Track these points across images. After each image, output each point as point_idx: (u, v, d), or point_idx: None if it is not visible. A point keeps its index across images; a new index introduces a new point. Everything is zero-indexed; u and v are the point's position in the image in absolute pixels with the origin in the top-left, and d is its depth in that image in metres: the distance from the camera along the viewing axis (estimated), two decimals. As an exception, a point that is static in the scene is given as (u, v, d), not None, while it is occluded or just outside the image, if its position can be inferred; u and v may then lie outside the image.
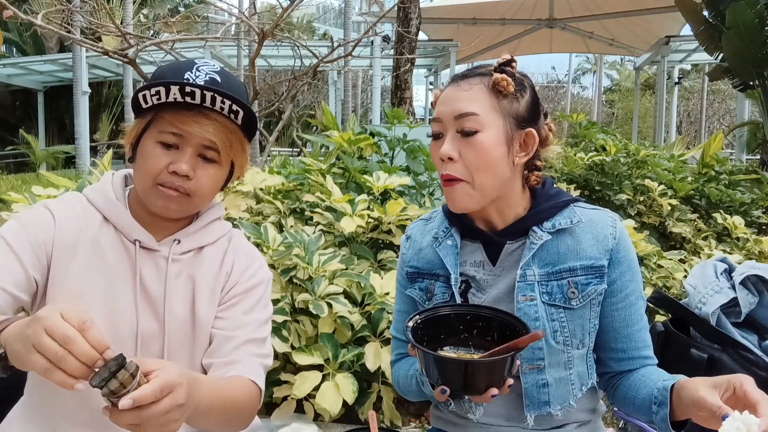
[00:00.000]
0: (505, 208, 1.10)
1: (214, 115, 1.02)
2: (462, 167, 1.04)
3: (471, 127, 1.02)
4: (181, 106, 1.00)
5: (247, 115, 1.04)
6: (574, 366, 1.10)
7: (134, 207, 1.09)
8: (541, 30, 15.35)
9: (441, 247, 1.14)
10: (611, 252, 1.07)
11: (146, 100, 1.01)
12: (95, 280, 1.03)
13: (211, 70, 1.05)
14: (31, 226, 1.01)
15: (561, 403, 1.09)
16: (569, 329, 1.07)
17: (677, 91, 16.32)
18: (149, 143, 1.03)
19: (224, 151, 1.05)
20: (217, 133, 1.02)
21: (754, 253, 3.71)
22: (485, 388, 0.90)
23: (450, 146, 1.04)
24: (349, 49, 4.28)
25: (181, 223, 1.12)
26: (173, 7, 18.48)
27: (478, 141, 1.02)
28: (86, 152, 10.02)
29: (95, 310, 1.01)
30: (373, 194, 3.14)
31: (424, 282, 1.16)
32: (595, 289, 1.07)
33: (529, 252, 1.07)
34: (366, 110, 21.73)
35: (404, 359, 1.20)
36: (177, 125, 1.01)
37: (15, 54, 18.19)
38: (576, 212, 1.11)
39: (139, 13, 12.68)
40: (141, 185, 1.05)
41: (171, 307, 1.07)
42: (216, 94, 0.99)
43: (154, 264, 1.07)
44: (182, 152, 1.02)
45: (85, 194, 1.09)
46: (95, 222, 1.06)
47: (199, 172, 1.04)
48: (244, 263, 1.14)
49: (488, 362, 0.92)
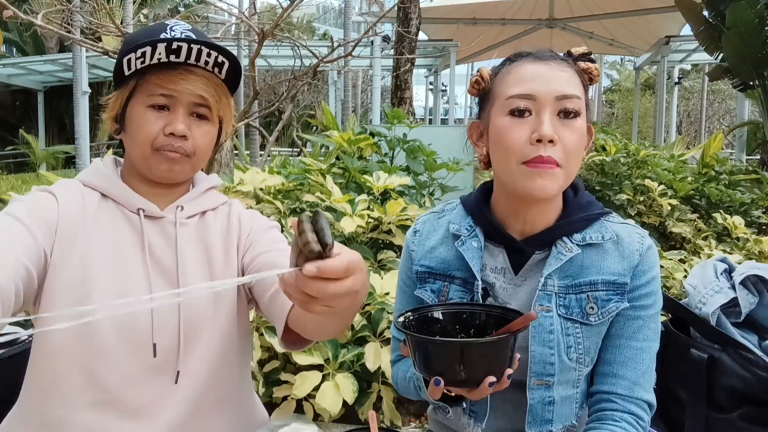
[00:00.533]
0: (546, 208, 1.04)
1: (198, 70, 1.01)
2: (560, 151, 0.96)
3: (574, 109, 0.96)
4: (165, 66, 0.99)
5: (232, 65, 1.03)
6: (581, 384, 1.04)
7: (129, 182, 1.07)
8: (541, 30, 15.33)
9: (465, 248, 1.05)
10: (635, 268, 1.02)
11: (130, 65, 1.00)
12: (102, 258, 1.00)
13: (185, 28, 1.04)
14: (37, 205, 0.98)
15: (563, 422, 1.03)
16: (584, 346, 1.01)
17: (677, 91, 16.31)
18: (138, 110, 1.01)
19: (214, 106, 1.03)
20: (206, 87, 1.01)
21: (754, 253, 3.71)
22: (482, 376, 0.85)
23: (551, 127, 0.95)
24: (349, 49, 4.28)
25: (178, 193, 1.10)
26: (173, 7, 18.47)
27: (578, 125, 0.97)
28: (86, 152, 10.01)
29: (105, 288, 0.98)
30: (373, 194, 3.14)
31: (437, 283, 1.09)
32: (617, 306, 1.01)
33: (556, 262, 1.01)
34: (366, 110, 21.71)
35: (404, 360, 1.16)
36: (165, 85, 0.99)
37: (15, 54, 18.19)
38: (607, 227, 1.05)
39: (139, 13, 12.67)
40: (138, 154, 1.03)
41: (186, 275, 1.03)
42: (203, 45, 0.98)
43: (162, 231, 1.05)
44: (175, 113, 1.01)
45: (79, 178, 1.07)
46: (94, 200, 1.04)
47: (195, 130, 1.02)
48: (250, 217, 1.13)
49: (483, 343, 0.87)
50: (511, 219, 1.05)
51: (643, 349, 1.02)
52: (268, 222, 1.14)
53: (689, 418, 1.46)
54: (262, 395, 2.24)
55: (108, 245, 1.01)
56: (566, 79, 0.98)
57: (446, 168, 3.91)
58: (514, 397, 1.03)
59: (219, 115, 1.06)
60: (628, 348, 1.02)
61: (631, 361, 1.02)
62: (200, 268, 1.06)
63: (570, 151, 0.96)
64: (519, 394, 1.02)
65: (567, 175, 0.98)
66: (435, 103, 17.53)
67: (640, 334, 1.02)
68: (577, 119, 0.97)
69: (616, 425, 0.98)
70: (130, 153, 1.05)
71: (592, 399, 1.05)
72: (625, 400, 1.01)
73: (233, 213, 1.13)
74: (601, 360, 1.04)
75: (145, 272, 1.02)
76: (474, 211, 1.09)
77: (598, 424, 1.00)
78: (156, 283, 1.02)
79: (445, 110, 19.82)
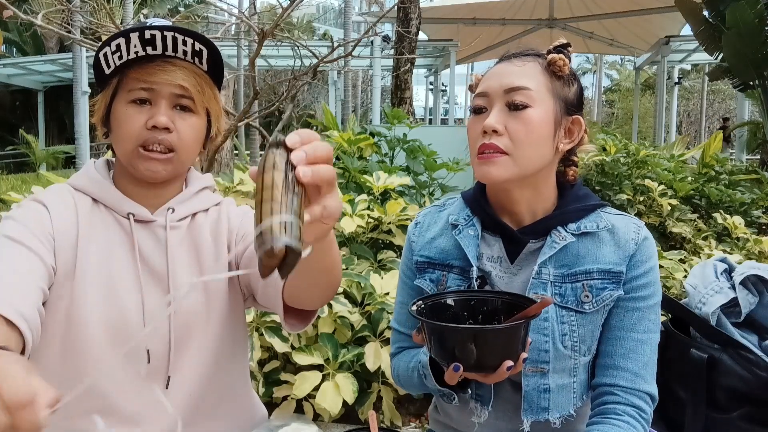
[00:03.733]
0: (537, 199, 1.06)
1: (177, 61, 1.00)
2: (507, 140, 1.00)
3: (521, 101, 1.00)
4: (144, 60, 0.99)
5: (212, 53, 1.01)
6: (578, 374, 1.05)
7: (120, 185, 1.06)
8: (541, 30, 15.33)
9: (462, 236, 1.09)
10: (630, 257, 1.03)
11: (108, 62, 0.99)
12: (94, 263, 1.00)
13: (163, 22, 1.03)
14: (31, 220, 0.97)
15: (560, 412, 1.04)
16: (579, 334, 1.03)
17: (677, 91, 16.32)
18: (121, 107, 1.01)
19: (197, 96, 1.02)
20: (186, 77, 1.00)
21: (754, 253, 3.70)
22: (500, 361, 0.87)
23: (496, 119, 1.00)
24: (349, 49, 4.28)
25: (170, 193, 1.09)
26: (173, 7, 18.47)
27: (527, 115, 0.99)
28: (86, 152, 10.00)
29: (96, 293, 0.98)
30: (373, 194, 3.14)
31: (436, 273, 1.12)
32: (611, 294, 1.02)
33: (549, 250, 1.03)
34: (366, 110, 21.72)
35: (405, 352, 1.17)
36: (144, 78, 0.99)
37: (15, 54, 18.19)
38: (603, 217, 1.07)
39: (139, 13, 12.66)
40: (123, 152, 1.02)
41: (177, 279, 1.03)
42: (177, 33, 0.97)
43: (152, 235, 1.04)
44: (156, 106, 1.00)
45: (70, 183, 1.07)
46: (85, 206, 1.03)
47: (179, 123, 1.01)
48: (239, 213, 1.12)
49: (501, 329, 0.90)
50: (504, 209, 1.09)
51: (644, 341, 1.03)
52: None
53: (689, 418, 1.46)
54: (262, 395, 2.24)
55: (100, 250, 1.01)
56: (520, 72, 1.02)
57: (446, 168, 3.91)
58: (512, 384, 1.05)
59: (205, 106, 1.05)
60: (629, 340, 1.03)
61: (633, 353, 1.03)
62: (191, 270, 1.05)
63: (517, 139, 1.00)
64: (516, 381, 1.03)
65: (518, 162, 1.01)
66: (435, 103, 17.54)
67: (640, 326, 1.03)
68: (526, 110, 1.00)
69: (619, 418, 0.99)
70: (117, 152, 1.04)
71: (595, 392, 1.06)
72: (628, 393, 1.01)
73: (222, 212, 1.12)
74: (602, 352, 1.05)
75: (136, 276, 1.01)
76: (471, 202, 1.12)
77: (600, 418, 1.01)
78: (147, 287, 1.01)
79: (445, 110, 19.83)
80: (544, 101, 1.01)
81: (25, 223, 0.96)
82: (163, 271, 1.03)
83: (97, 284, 0.99)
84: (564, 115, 1.03)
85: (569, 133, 1.05)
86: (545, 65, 1.03)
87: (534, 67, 1.03)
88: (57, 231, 0.98)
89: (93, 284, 0.99)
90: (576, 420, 1.06)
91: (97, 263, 1.00)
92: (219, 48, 1.04)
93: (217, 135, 1.12)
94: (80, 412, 0.98)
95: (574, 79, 1.07)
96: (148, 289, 1.01)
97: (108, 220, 1.03)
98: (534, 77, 1.02)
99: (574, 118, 1.05)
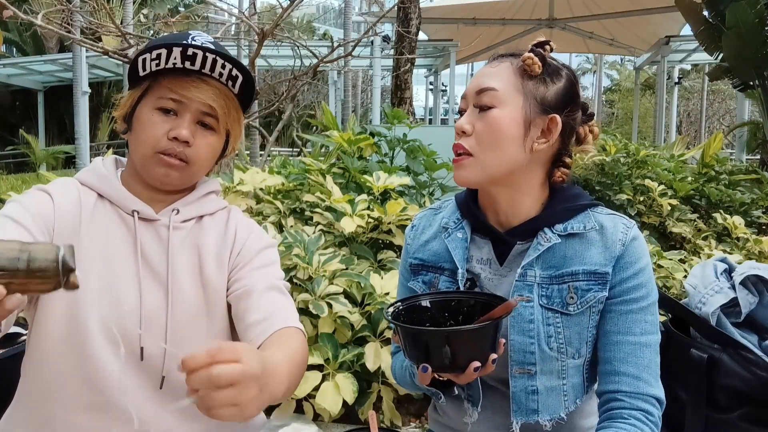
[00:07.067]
0: (517, 198, 1.05)
1: (212, 81, 1.02)
2: (473, 141, 1.02)
3: (487, 102, 1.01)
4: (179, 72, 1.00)
5: (246, 81, 1.03)
6: (569, 376, 1.04)
7: (128, 184, 1.07)
8: (541, 30, 15.29)
9: (450, 239, 1.10)
10: (617, 258, 1.01)
11: (144, 66, 1.00)
12: (94, 258, 1.00)
13: (206, 40, 1.04)
14: (33, 205, 0.98)
15: (551, 414, 1.03)
16: (564, 336, 1.02)
17: (677, 91, 16.31)
18: (146, 111, 1.02)
19: (222, 118, 1.04)
20: (216, 98, 1.02)
21: (754, 253, 3.70)
22: (467, 361, 0.88)
23: (466, 119, 1.03)
24: (349, 49, 4.28)
25: (177, 196, 1.10)
26: (173, 7, 18.47)
27: (491, 116, 1.00)
28: (86, 152, 10.01)
29: (95, 287, 0.98)
30: (373, 194, 3.14)
31: (428, 275, 1.12)
32: (595, 296, 1.01)
33: (534, 252, 1.03)
34: (366, 110, 21.72)
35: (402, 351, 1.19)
36: (176, 90, 1.00)
37: (15, 54, 18.19)
38: (592, 217, 1.05)
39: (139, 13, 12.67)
40: (140, 154, 1.03)
41: (176, 280, 1.03)
42: (218, 56, 0.99)
43: (155, 234, 1.05)
44: (181, 118, 1.01)
45: (77, 177, 1.08)
46: (90, 200, 1.04)
47: (198, 139, 1.03)
48: (246, 231, 1.12)
49: (464, 330, 0.91)
50: (491, 211, 1.09)
51: (642, 344, 1.01)
52: (264, 240, 1.12)
53: (689, 418, 1.46)
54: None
55: (101, 246, 1.01)
56: (491, 73, 1.03)
57: (446, 168, 3.91)
58: (502, 386, 1.05)
59: (227, 128, 1.07)
60: (626, 344, 1.02)
61: (632, 357, 1.01)
62: (191, 273, 1.05)
63: (481, 140, 1.01)
64: (504, 382, 1.04)
65: (482, 163, 1.01)
66: (435, 103, 17.55)
67: (636, 328, 1.02)
68: (491, 111, 1.00)
69: (626, 422, 0.98)
70: (133, 153, 1.05)
71: (600, 400, 1.05)
72: (632, 397, 1.00)
73: (231, 221, 1.12)
74: (602, 359, 1.04)
75: (135, 275, 1.02)
76: (462, 205, 1.13)
77: (608, 423, 1.00)
78: (146, 286, 1.02)
79: (445, 110, 19.81)
80: (511, 101, 1.00)
81: (26, 207, 0.97)
82: (162, 271, 1.03)
83: (97, 278, 0.99)
84: (538, 115, 1.01)
85: (546, 133, 1.02)
86: (517, 65, 1.02)
87: (506, 67, 1.03)
88: (58, 221, 0.99)
89: (93, 278, 0.99)
90: (566, 422, 1.06)
91: (98, 257, 1.00)
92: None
93: (231, 153, 1.13)
94: (82, 408, 0.99)
95: (557, 78, 1.04)
96: (147, 287, 1.02)
97: (112, 216, 1.04)
98: (503, 78, 1.02)
99: (551, 117, 1.02)
